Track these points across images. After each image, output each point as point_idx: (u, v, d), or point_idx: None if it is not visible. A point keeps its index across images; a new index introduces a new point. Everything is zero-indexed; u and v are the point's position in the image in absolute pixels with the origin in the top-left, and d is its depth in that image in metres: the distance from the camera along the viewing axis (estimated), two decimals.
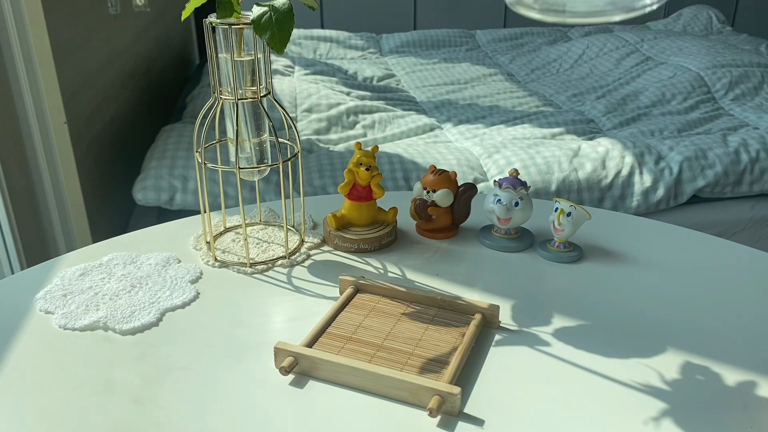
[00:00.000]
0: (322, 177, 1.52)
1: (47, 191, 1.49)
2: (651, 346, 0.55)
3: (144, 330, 0.57)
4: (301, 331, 0.55)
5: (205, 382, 0.50)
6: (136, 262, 0.67)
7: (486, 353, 0.54)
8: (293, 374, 0.51)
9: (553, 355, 0.54)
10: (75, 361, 0.53)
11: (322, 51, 2.75)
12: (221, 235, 0.73)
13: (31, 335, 0.56)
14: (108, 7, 1.84)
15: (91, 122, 1.68)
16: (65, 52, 1.50)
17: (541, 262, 0.68)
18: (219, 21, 0.61)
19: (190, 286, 0.63)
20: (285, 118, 0.68)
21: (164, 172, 1.55)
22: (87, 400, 0.49)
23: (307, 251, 0.70)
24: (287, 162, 0.66)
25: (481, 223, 0.75)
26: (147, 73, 2.26)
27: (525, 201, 0.69)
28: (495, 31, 2.97)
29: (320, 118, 1.88)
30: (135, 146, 1.95)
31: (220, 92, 0.64)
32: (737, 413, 0.47)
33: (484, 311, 0.57)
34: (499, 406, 0.48)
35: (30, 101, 1.39)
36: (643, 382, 0.50)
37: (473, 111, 2.01)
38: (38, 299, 0.61)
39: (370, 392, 0.49)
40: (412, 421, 0.47)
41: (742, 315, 0.59)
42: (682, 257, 0.69)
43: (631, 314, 0.59)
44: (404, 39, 2.89)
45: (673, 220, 1.53)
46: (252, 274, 0.66)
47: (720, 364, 0.53)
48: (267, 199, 1.47)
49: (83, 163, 1.57)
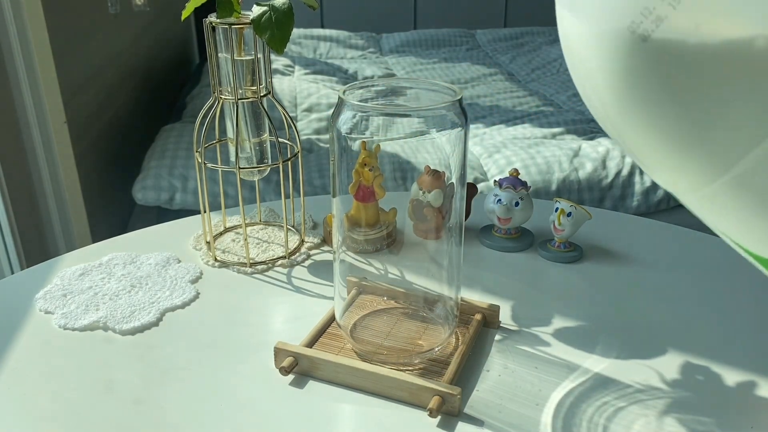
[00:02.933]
0: (322, 177, 1.52)
1: (47, 191, 1.49)
2: (651, 346, 0.55)
3: (144, 330, 0.57)
4: (301, 331, 0.55)
5: (205, 382, 0.50)
6: (136, 262, 0.67)
7: (486, 353, 0.54)
8: (293, 374, 0.51)
9: (553, 355, 0.54)
10: (75, 361, 0.53)
11: (322, 50, 2.75)
12: (221, 235, 0.73)
13: (31, 335, 0.56)
14: (108, 7, 1.84)
15: (91, 122, 1.68)
16: (65, 52, 1.50)
17: (541, 262, 0.68)
18: (219, 21, 0.61)
19: (190, 286, 0.63)
20: (285, 117, 0.68)
21: (164, 172, 1.54)
22: (87, 400, 0.48)
23: (307, 251, 0.70)
24: (287, 162, 0.66)
25: (481, 223, 0.75)
26: (147, 72, 2.26)
27: (525, 201, 0.69)
28: (495, 31, 2.97)
29: (320, 117, 1.88)
30: (135, 146, 1.95)
31: (220, 92, 0.64)
32: (737, 413, 0.47)
33: (484, 311, 0.57)
34: (499, 406, 0.48)
35: (30, 101, 1.39)
36: (643, 382, 0.50)
37: (473, 111, 2.01)
38: (38, 299, 0.61)
39: (370, 392, 0.49)
40: (412, 422, 0.47)
41: (743, 315, 0.59)
42: (682, 257, 0.69)
43: (631, 314, 0.59)
44: (404, 39, 2.89)
45: (673, 220, 1.53)
46: (252, 274, 0.66)
47: (720, 364, 0.53)
48: (267, 199, 1.47)
49: (83, 163, 1.57)
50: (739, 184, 0.31)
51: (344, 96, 0.47)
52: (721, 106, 0.29)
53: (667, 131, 0.31)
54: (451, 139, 0.47)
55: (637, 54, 0.30)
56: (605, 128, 0.36)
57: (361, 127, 0.46)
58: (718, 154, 0.30)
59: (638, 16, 0.29)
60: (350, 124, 0.46)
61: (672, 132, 0.31)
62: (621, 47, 0.30)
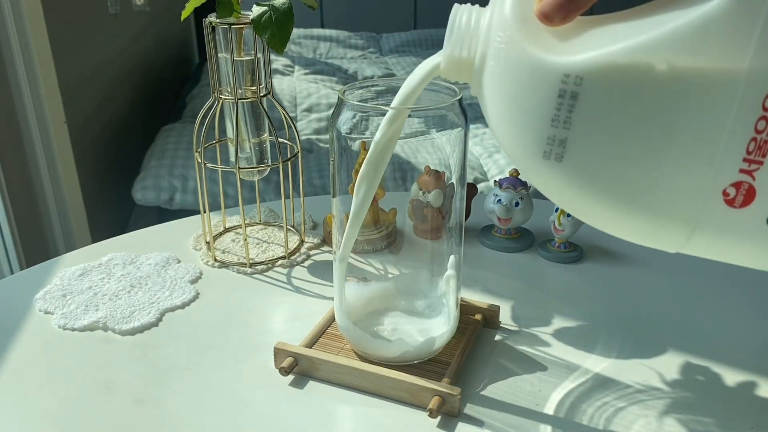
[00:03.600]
0: (322, 177, 1.52)
1: (47, 191, 1.49)
2: (651, 346, 0.55)
3: (144, 330, 0.57)
4: (301, 331, 0.55)
5: (205, 382, 0.50)
6: (136, 262, 0.67)
7: (486, 353, 0.54)
8: (293, 374, 0.51)
9: (553, 355, 0.54)
10: (74, 361, 0.53)
11: (322, 50, 2.75)
12: (221, 235, 0.73)
13: (31, 335, 0.56)
14: (107, 7, 1.84)
15: (91, 122, 1.68)
16: (65, 52, 1.50)
17: (541, 262, 0.68)
18: (219, 21, 0.61)
19: (190, 286, 0.63)
20: (285, 117, 0.68)
21: (164, 172, 1.54)
22: (87, 400, 0.48)
23: (307, 251, 0.70)
24: (287, 162, 0.66)
25: (482, 224, 0.75)
26: (147, 72, 2.26)
27: (525, 201, 0.69)
28: None
29: (320, 117, 1.88)
30: (134, 146, 1.95)
31: (220, 92, 0.64)
32: (737, 413, 0.47)
33: (484, 311, 0.57)
34: (499, 406, 0.48)
35: (29, 101, 1.39)
36: (643, 382, 0.50)
37: (473, 111, 2.01)
38: (38, 299, 0.61)
39: (370, 392, 0.49)
40: (412, 422, 0.47)
41: (743, 315, 0.59)
42: (683, 257, 0.69)
43: (631, 314, 0.59)
44: (404, 39, 2.89)
45: None
46: (252, 275, 0.66)
47: (720, 364, 0.53)
48: (267, 199, 1.47)
49: (83, 163, 1.57)
50: (709, 231, 0.35)
51: (344, 96, 0.47)
52: (649, 185, 0.34)
53: (621, 219, 0.37)
54: (451, 139, 0.47)
55: (560, 172, 0.35)
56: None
57: (361, 127, 0.46)
58: (673, 219, 0.35)
59: (545, 146, 0.35)
60: (350, 124, 0.46)
61: (626, 219, 0.37)
62: (546, 172, 0.36)
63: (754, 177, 0.33)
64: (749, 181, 0.33)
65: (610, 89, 0.33)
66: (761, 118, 0.32)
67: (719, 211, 0.34)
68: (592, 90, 0.33)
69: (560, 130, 0.34)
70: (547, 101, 0.34)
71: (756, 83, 0.31)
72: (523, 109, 0.35)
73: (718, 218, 0.34)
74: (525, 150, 0.36)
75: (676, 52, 0.31)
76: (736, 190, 0.33)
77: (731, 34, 0.31)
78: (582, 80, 0.33)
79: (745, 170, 0.33)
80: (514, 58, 0.35)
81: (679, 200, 0.34)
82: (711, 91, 0.31)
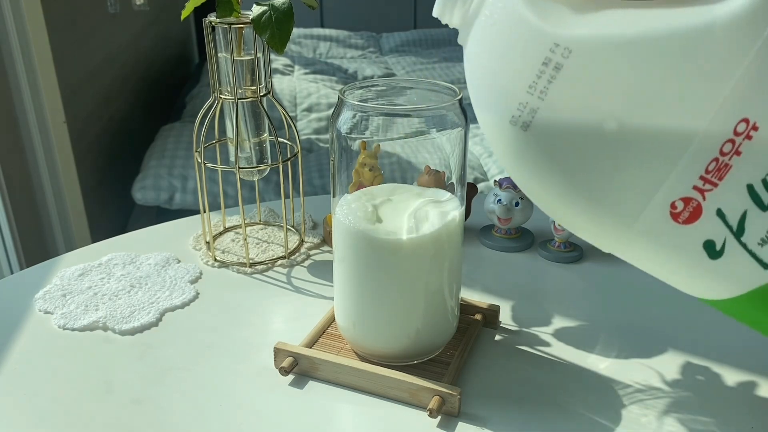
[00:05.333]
0: (322, 177, 1.52)
1: (46, 191, 1.49)
2: (651, 346, 0.55)
3: (143, 330, 0.57)
4: (301, 331, 0.55)
5: (205, 382, 0.50)
6: (136, 262, 0.67)
7: (486, 353, 0.54)
8: (293, 374, 0.51)
9: (553, 355, 0.54)
10: (74, 361, 0.53)
11: (322, 50, 2.75)
12: (221, 235, 0.73)
13: (31, 335, 0.56)
14: (107, 6, 1.84)
15: (91, 121, 1.68)
16: (65, 52, 1.49)
17: (541, 262, 0.68)
18: (218, 20, 0.61)
19: (190, 286, 0.63)
20: (285, 117, 0.68)
21: (163, 172, 1.54)
22: (87, 400, 0.48)
23: (307, 251, 0.70)
24: (287, 162, 0.66)
25: (482, 224, 0.75)
26: (146, 72, 2.26)
27: (525, 201, 0.69)
28: None
29: (320, 117, 1.88)
30: (134, 145, 1.95)
31: (220, 92, 0.64)
32: (737, 413, 0.47)
33: (484, 311, 0.57)
34: (499, 406, 0.48)
35: (29, 100, 1.39)
36: (643, 382, 0.50)
37: (473, 110, 2.01)
38: (37, 299, 0.61)
39: (370, 392, 0.49)
40: (412, 422, 0.47)
41: None
42: None
43: (631, 314, 0.59)
44: (404, 38, 2.89)
45: None
46: (252, 274, 0.66)
47: (720, 364, 0.53)
48: (267, 199, 1.47)
49: (82, 163, 1.57)
50: (646, 238, 0.35)
51: (344, 96, 0.46)
52: (601, 176, 0.34)
53: (565, 202, 0.36)
54: (451, 139, 0.47)
55: (523, 140, 0.35)
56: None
57: (360, 127, 0.46)
58: (614, 215, 0.35)
59: (515, 111, 0.34)
60: (350, 124, 0.46)
61: (570, 203, 0.36)
62: (508, 137, 0.35)
63: (704, 197, 0.33)
64: (699, 200, 0.33)
65: (593, 70, 0.32)
66: (728, 140, 0.31)
67: (662, 221, 0.34)
68: (576, 66, 0.32)
69: (534, 99, 0.33)
70: (530, 66, 0.33)
71: (732, 109, 0.31)
72: (504, 68, 0.34)
73: (658, 228, 0.34)
74: (495, 110, 0.36)
75: (669, 54, 0.31)
76: (684, 205, 0.33)
77: (729, 47, 0.30)
78: (570, 53, 0.32)
79: (698, 188, 0.32)
80: (510, 14, 0.34)
81: (626, 199, 0.34)
82: (691, 102, 0.31)
